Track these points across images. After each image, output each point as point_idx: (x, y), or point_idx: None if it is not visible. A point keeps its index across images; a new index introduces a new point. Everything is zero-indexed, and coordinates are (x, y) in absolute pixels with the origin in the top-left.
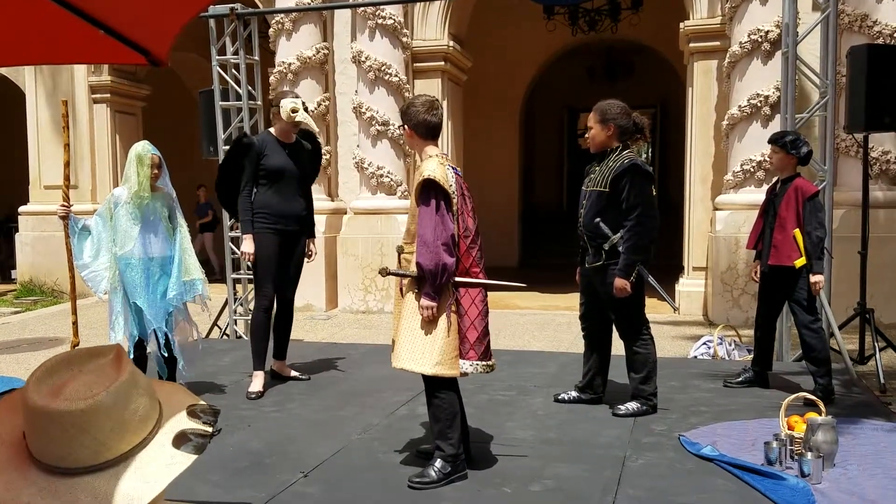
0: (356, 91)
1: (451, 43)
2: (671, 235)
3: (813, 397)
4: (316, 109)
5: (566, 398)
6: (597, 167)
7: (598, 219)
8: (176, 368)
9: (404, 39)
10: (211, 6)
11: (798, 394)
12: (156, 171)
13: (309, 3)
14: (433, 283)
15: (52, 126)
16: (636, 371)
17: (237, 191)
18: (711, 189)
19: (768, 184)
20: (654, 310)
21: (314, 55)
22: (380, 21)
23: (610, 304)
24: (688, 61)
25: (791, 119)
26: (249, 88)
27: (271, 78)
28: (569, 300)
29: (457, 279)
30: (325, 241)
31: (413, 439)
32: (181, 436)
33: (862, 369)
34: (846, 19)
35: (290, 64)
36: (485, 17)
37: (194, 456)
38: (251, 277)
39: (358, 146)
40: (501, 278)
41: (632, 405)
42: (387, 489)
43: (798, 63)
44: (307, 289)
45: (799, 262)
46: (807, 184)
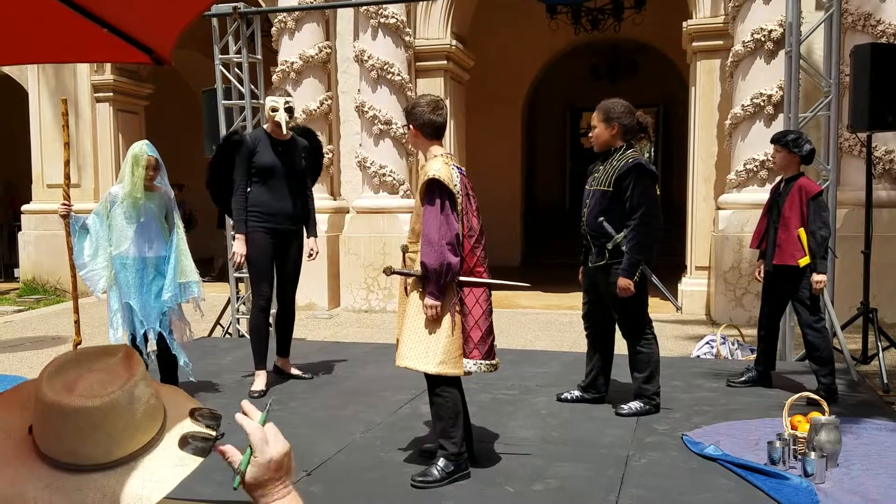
0: (358, 90)
1: (454, 42)
2: (674, 235)
3: (816, 397)
4: (318, 108)
5: (569, 397)
6: (600, 166)
7: (602, 218)
8: (176, 369)
9: (407, 38)
10: (214, 5)
11: (801, 393)
12: (151, 173)
13: (311, 2)
14: (437, 283)
15: (55, 125)
16: (639, 370)
17: (229, 189)
18: (714, 188)
19: (771, 183)
20: (657, 309)
21: (317, 54)
22: (382, 20)
23: (613, 304)
24: (691, 60)
25: (794, 118)
26: (252, 87)
27: (274, 77)
28: (571, 299)
29: (461, 279)
30: (328, 240)
31: (416, 438)
32: (185, 439)
33: (865, 369)
34: (850, 18)
35: (293, 63)
36: (487, 16)
37: (200, 458)
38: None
39: (360, 145)
40: (504, 277)
41: (635, 404)
42: (389, 488)
43: (801, 62)
44: (309, 288)
45: (803, 262)
46: (810, 183)
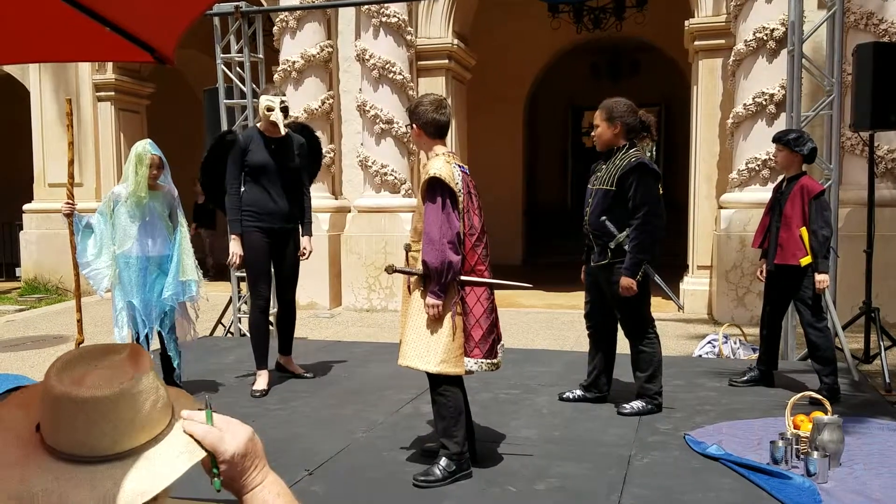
0: (360, 89)
1: (456, 41)
2: (676, 234)
3: (819, 396)
4: (320, 107)
5: (571, 397)
6: (603, 165)
7: (605, 217)
8: (173, 369)
9: (408, 37)
10: (216, 4)
11: (804, 393)
12: (155, 172)
13: (313, 2)
14: (438, 281)
15: (57, 124)
16: (641, 370)
17: (223, 188)
18: (716, 187)
19: (773, 182)
20: (659, 308)
21: (318, 53)
22: (384, 19)
23: (615, 303)
24: (693, 59)
25: (796, 117)
26: (254, 86)
27: (275, 76)
28: (573, 299)
29: (463, 278)
30: (329, 240)
31: (418, 437)
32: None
33: (867, 368)
34: (852, 17)
35: (295, 62)
36: (489, 15)
37: (204, 453)
38: None
39: (362, 144)
40: (505, 276)
41: (637, 404)
42: (391, 487)
43: (804, 61)
44: (311, 287)
45: (804, 261)
46: (812, 182)
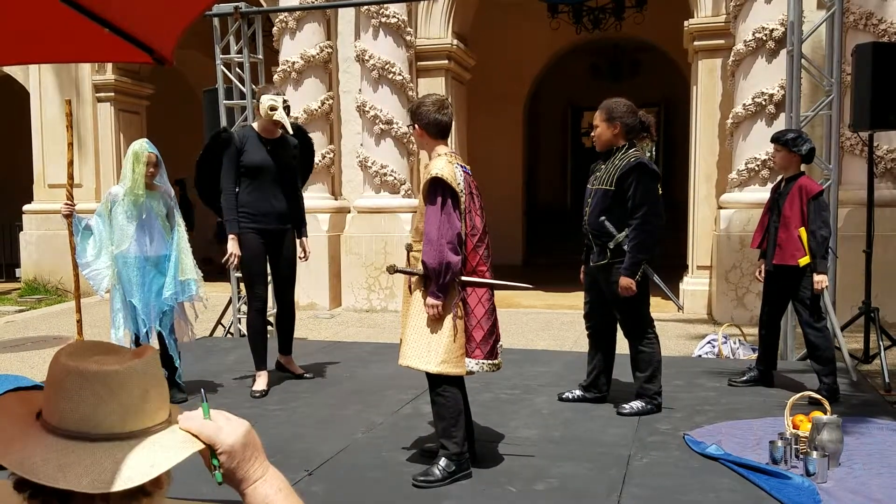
0: (360, 90)
1: (455, 41)
2: (675, 234)
3: (818, 396)
4: (319, 108)
5: (570, 397)
6: (602, 165)
7: (604, 217)
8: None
9: (408, 38)
10: (215, 4)
11: (803, 392)
12: (152, 170)
13: (312, 2)
14: (437, 282)
15: (57, 125)
16: (641, 370)
17: (217, 188)
18: (716, 187)
19: (773, 182)
20: (659, 308)
21: (318, 54)
22: (383, 19)
23: (615, 303)
24: (692, 59)
25: (796, 117)
26: (253, 87)
27: (275, 77)
28: (573, 299)
29: (464, 278)
30: (329, 240)
31: (417, 438)
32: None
33: (867, 368)
34: (851, 17)
35: (294, 62)
36: (489, 16)
37: (202, 445)
38: None
39: (361, 145)
40: (505, 277)
41: (636, 404)
42: (391, 487)
43: (803, 61)
44: (311, 287)
45: (803, 261)
46: (811, 182)
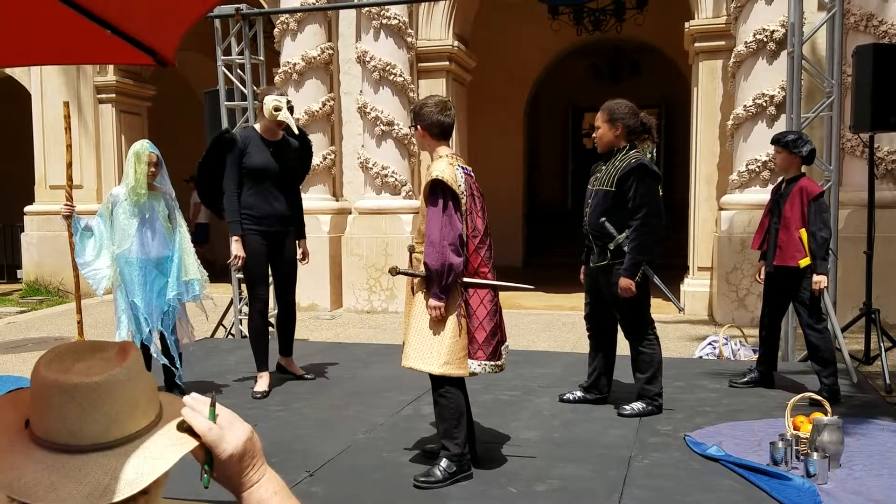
0: (361, 91)
1: (456, 43)
2: (676, 235)
3: (818, 397)
4: (320, 109)
5: (571, 398)
6: (603, 166)
7: (604, 218)
8: (175, 370)
9: (409, 39)
10: (216, 6)
11: (803, 394)
12: (153, 170)
13: (314, 4)
14: (439, 283)
15: (58, 126)
16: (641, 371)
17: (219, 189)
18: (716, 189)
19: (773, 184)
20: (660, 310)
21: (319, 55)
22: (384, 21)
23: (615, 304)
24: (693, 61)
25: (796, 119)
26: (255, 88)
27: (276, 78)
28: (573, 300)
29: (466, 280)
30: (330, 241)
31: (418, 439)
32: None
33: (868, 369)
34: (852, 19)
35: (295, 64)
36: (489, 17)
37: (196, 442)
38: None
39: (363, 146)
40: (506, 278)
41: (637, 405)
42: (392, 488)
43: (803, 63)
44: (312, 288)
45: (803, 263)
46: (811, 184)
